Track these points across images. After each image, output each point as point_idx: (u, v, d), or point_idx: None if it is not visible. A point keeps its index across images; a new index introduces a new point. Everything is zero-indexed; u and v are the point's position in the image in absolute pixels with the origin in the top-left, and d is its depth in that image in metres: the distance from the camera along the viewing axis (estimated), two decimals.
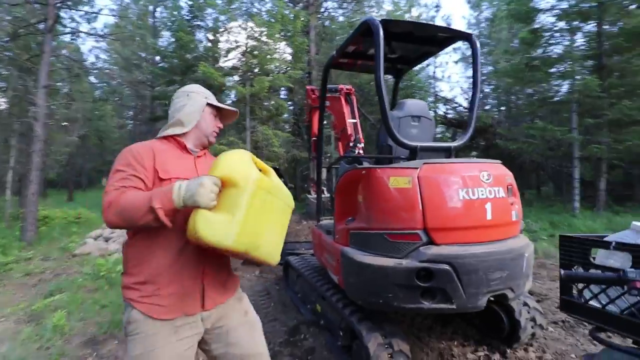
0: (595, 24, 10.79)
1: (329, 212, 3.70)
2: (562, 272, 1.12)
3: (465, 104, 17.95)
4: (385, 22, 2.37)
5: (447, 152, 2.53)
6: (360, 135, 4.66)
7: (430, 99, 17.66)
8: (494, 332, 2.95)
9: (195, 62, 12.08)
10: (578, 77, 10.61)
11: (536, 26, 11.73)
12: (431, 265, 2.12)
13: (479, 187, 2.29)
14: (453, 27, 2.76)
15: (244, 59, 11.64)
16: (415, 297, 2.16)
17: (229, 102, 13.25)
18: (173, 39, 14.10)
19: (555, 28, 11.47)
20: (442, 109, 18.22)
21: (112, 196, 1.22)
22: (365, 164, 2.70)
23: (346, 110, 4.76)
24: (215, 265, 1.44)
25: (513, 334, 2.79)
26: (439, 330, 3.16)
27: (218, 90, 10.56)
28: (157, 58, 18.89)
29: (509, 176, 2.44)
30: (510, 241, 2.39)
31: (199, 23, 13.59)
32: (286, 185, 1.52)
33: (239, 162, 1.29)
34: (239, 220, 1.19)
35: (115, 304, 4.06)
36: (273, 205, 1.38)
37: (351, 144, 4.61)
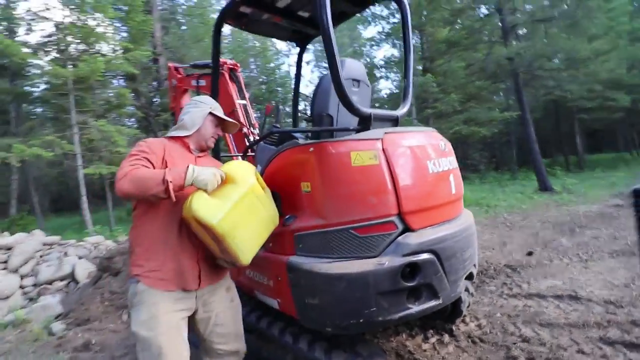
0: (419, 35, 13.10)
1: None
2: None
3: None
4: None
5: (395, 122, 2.13)
6: (253, 119, 3.89)
7: (290, 95, 17.87)
8: (435, 313, 2.80)
9: None
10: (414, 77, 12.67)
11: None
12: (416, 258, 1.68)
13: (442, 157, 1.98)
14: None
15: (58, 34, 8.78)
16: (401, 303, 1.68)
17: (42, 88, 9.86)
18: None
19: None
20: (302, 105, 18.70)
21: (128, 169, 1.43)
22: (300, 142, 2.03)
23: (233, 89, 3.89)
24: (208, 251, 1.62)
25: (455, 309, 2.69)
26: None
27: (19, 69, 7.61)
28: None
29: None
30: (465, 215, 2.20)
31: None
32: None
33: (244, 168, 1.66)
34: (227, 208, 1.47)
35: None
36: (258, 212, 1.64)
37: (244, 130, 3.80)
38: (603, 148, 26.51)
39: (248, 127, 3.80)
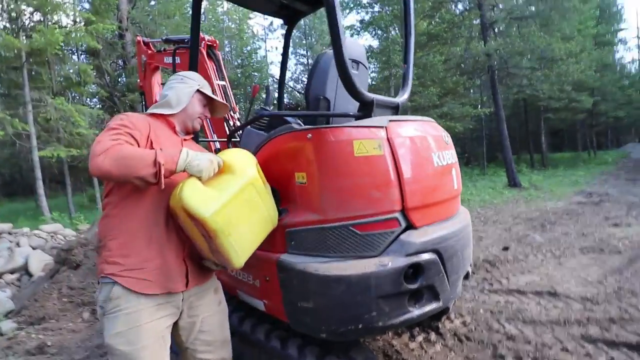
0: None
1: None
2: None
3: (299, 87, 18.57)
4: None
5: (395, 110, 1.98)
6: (233, 102, 3.60)
7: (267, 81, 17.35)
8: None
9: None
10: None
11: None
12: (420, 258, 1.56)
13: (446, 150, 1.86)
14: None
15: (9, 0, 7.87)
16: (403, 307, 1.55)
17: None
18: None
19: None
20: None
21: (110, 144, 1.19)
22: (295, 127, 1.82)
23: (211, 68, 3.57)
24: (196, 248, 1.43)
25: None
26: None
27: None
28: None
29: None
30: (462, 212, 2.11)
31: None
32: None
33: (244, 157, 1.47)
34: (223, 200, 1.26)
35: None
36: (257, 208, 1.46)
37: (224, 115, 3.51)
38: (564, 147, 28.13)
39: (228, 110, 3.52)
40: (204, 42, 3.58)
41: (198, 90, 1.57)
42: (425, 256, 1.58)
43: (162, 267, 1.32)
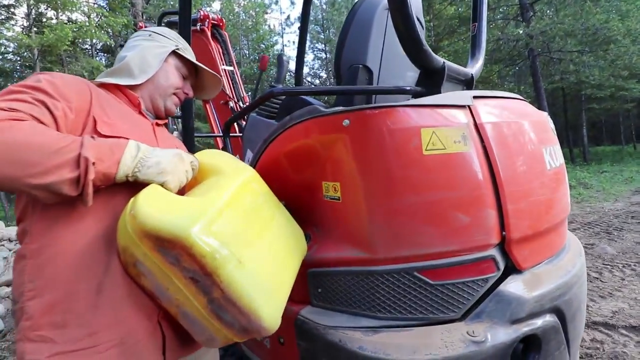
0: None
1: None
2: None
3: (317, 82, 17.92)
4: None
5: (469, 84, 1.34)
6: (242, 90, 3.04)
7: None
8: None
9: None
10: None
11: None
12: (534, 326, 0.93)
13: (554, 143, 1.21)
14: None
15: None
16: None
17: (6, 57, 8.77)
18: None
19: None
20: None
21: None
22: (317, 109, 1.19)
23: (216, 50, 3.03)
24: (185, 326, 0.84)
25: None
26: None
27: None
28: None
29: None
30: (572, 240, 1.40)
31: None
32: None
33: (231, 158, 0.98)
34: (214, 206, 0.74)
35: None
36: (271, 219, 0.92)
37: (230, 103, 2.96)
38: (604, 140, 26.11)
39: (236, 99, 2.96)
40: (208, 20, 3.04)
41: (174, 53, 1.06)
42: (542, 321, 0.95)
43: (123, 341, 0.76)
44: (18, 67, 8.53)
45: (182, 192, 0.85)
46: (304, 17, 2.27)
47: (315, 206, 1.10)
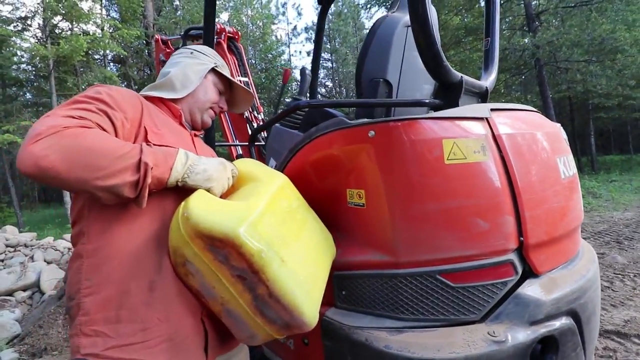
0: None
1: None
2: None
3: (324, 91, 18.11)
4: None
5: (483, 97, 1.40)
6: (257, 101, 3.14)
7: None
8: None
9: None
10: None
11: None
12: (552, 327, 0.97)
13: (567, 153, 1.27)
14: None
15: (41, 6, 7.92)
16: None
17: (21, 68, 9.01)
18: None
19: None
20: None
21: (64, 123, 0.71)
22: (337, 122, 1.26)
23: (232, 62, 3.14)
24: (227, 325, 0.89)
25: None
26: None
27: None
28: None
29: None
30: (585, 246, 1.45)
31: None
32: None
33: (264, 166, 1.10)
34: (257, 208, 0.80)
35: None
36: (305, 221, 1.00)
37: (245, 113, 3.05)
38: (611, 150, 25.89)
39: (251, 109, 3.05)
40: (224, 33, 3.16)
41: (213, 70, 1.14)
42: (559, 322, 0.99)
43: (171, 337, 0.81)
44: (32, 77, 8.77)
45: (223, 197, 0.92)
46: (319, 31, 2.36)
47: (340, 212, 1.16)
